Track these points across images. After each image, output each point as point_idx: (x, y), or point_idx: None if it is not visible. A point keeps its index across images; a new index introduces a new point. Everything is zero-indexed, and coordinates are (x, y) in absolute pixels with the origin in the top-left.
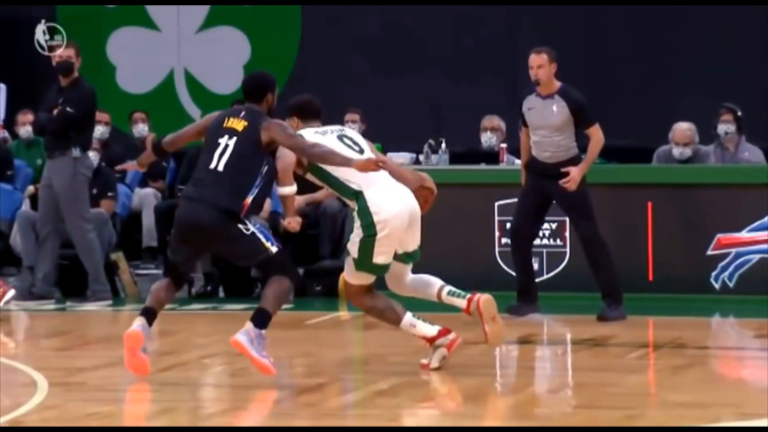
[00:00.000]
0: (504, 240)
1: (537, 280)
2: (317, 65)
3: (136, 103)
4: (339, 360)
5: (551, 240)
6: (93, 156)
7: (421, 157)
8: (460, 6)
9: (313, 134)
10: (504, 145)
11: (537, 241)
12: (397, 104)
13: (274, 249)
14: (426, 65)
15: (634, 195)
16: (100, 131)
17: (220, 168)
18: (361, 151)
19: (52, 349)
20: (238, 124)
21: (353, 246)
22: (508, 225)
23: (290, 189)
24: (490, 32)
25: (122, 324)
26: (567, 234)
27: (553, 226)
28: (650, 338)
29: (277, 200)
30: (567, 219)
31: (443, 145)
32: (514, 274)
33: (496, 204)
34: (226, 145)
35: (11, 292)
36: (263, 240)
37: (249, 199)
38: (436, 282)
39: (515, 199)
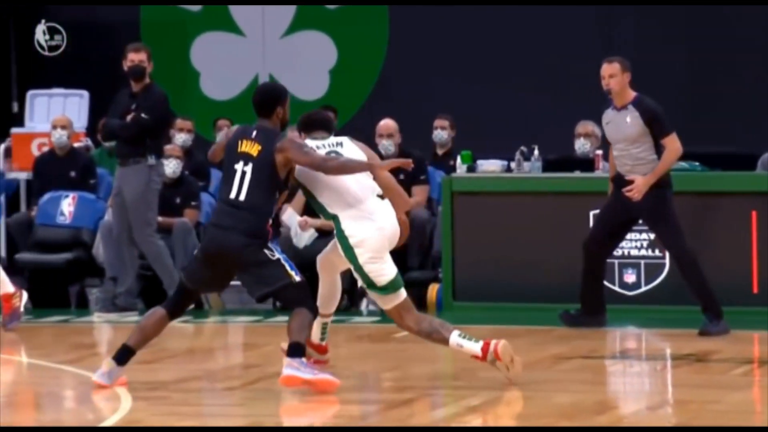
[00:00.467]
0: None
1: (635, 292)
2: (405, 70)
3: (220, 110)
4: (428, 374)
5: (649, 251)
6: (176, 164)
7: (513, 165)
8: (555, 10)
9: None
10: (599, 152)
11: (635, 252)
12: (488, 110)
13: (297, 278)
14: (518, 70)
15: (737, 204)
16: (182, 139)
17: (242, 198)
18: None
19: (135, 362)
20: (252, 149)
21: (357, 276)
22: None
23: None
24: (585, 37)
25: (206, 337)
26: None
27: (651, 236)
28: (755, 354)
29: None
30: None
31: (536, 152)
32: (605, 282)
33: (591, 213)
34: (243, 172)
35: (25, 296)
36: (287, 267)
37: (270, 222)
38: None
39: None
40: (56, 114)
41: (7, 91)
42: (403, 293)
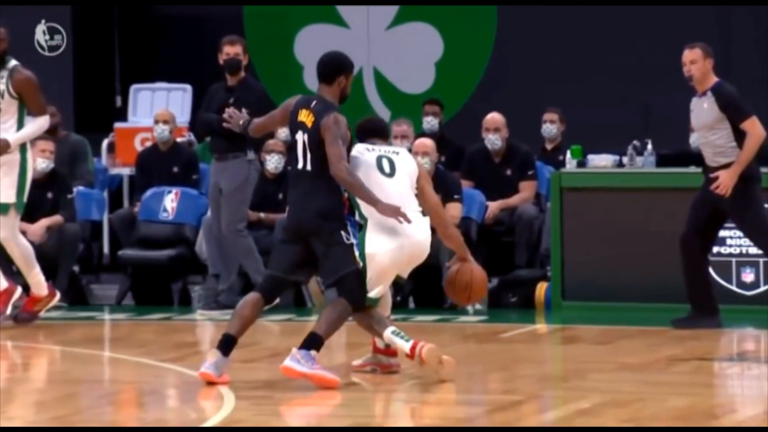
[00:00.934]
0: (715, 249)
1: (753, 292)
2: (514, 62)
3: None
4: (536, 376)
5: None
6: (278, 159)
7: (625, 160)
8: (671, 6)
9: (363, 149)
10: None
11: (753, 250)
12: (600, 103)
13: (359, 266)
14: (629, 64)
15: None
16: (285, 133)
17: (308, 167)
18: (391, 175)
19: (239, 361)
20: (308, 119)
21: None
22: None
23: None
24: (700, 31)
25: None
26: None
27: None
28: None
29: None
30: None
31: (649, 147)
32: (722, 281)
33: None
34: (303, 142)
35: (18, 291)
36: (357, 254)
37: (345, 195)
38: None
39: None
40: (159, 108)
41: (111, 85)
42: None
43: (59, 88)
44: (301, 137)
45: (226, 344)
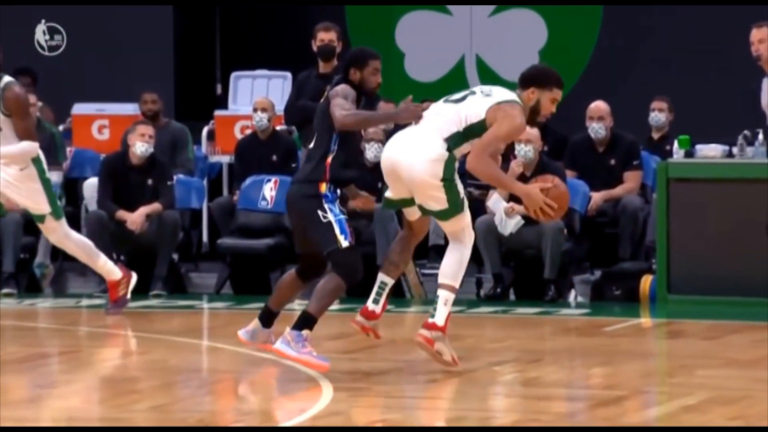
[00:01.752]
0: None
1: None
2: (620, 50)
3: (424, 92)
4: (640, 371)
5: None
6: (377, 148)
7: (735, 150)
8: None
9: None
10: None
11: None
12: (709, 92)
13: (344, 243)
14: (740, 52)
15: None
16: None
17: (311, 145)
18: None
19: (337, 351)
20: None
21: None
22: None
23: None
24: None
25: (408, 327)
26: None
27: None
28: None
29: None
30: None
31: (760, 137)
32: None
33: None
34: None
35: (134, 279)
36: (337, 231)
37: (327, 176)
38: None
39: None
40: (260, 96)
41: (212, 73)
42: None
43: (160, 76)
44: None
45: (265, 316)
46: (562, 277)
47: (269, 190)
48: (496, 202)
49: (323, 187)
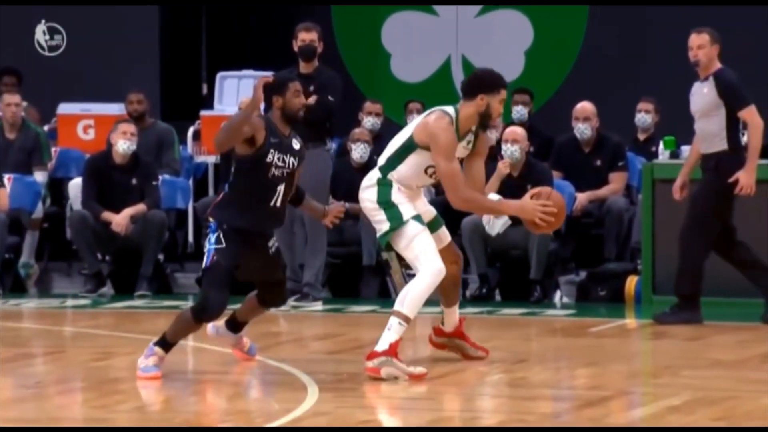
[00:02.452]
0: None
1: None
2: (606, 51)
3: (410, 93)
4: (626, 372)
5: None
6: (363, 149)
7: None
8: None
9: None
10: None
11: None
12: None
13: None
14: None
15: None
16: (371, 122)
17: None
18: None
19: (323, 352)
20: None
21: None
22: None
23: None
24: None
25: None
26: None
27: None
28: None
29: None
30: None
31: (744, 139)
32: None
33: None
34: None
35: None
36: (205, 255)
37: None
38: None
39: None
40: (245, 96)
41: (197, 73)
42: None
43: (146, 76)
44: None
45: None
46: (547, 277)
47: None
48: None
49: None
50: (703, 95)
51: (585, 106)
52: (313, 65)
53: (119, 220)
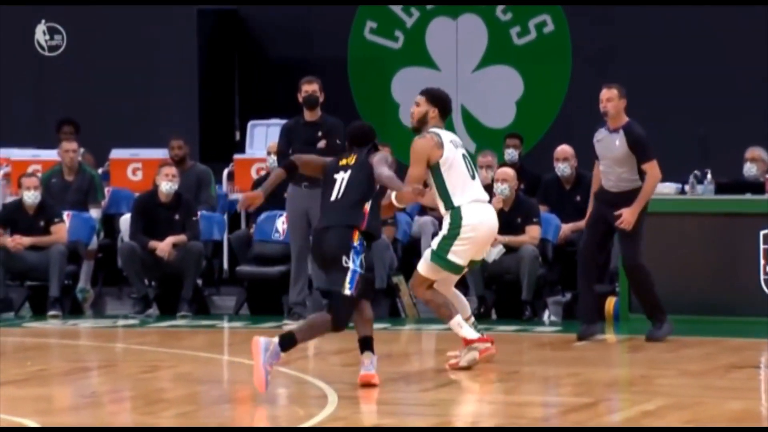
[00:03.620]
0: None
1: None
2: (587, 101)
3: None
4: (606, 381)
5: None
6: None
7: (687, 188)
8: (727, 38)
9: (449, 141)
10: None
11: None
12: (664, 137)
13: (347, 292)
14: (691, 95)
15: None
16: None
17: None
18: (473, 176)
19: (341, 365)
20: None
21: (436, 239)
22: None
23: None
24: (757, 64)
25: (402, 342)
26: None
27: None
28: None
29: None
30: None
31: (709, 176)
32: None
33: (761, 233)
34: (342, 179)
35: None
36: (347, 279)
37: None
38: (467, 309)
39: None
40: (273, 141)
41: (231, 121)
42: (441, 275)
43: (187, 124)
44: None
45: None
46: (537, 298)
47: (281, 223)
48: None
49: (356, 237)
50: (616, 146)
51: (564, 149)
52: (316, 113)
53: (163, 247)
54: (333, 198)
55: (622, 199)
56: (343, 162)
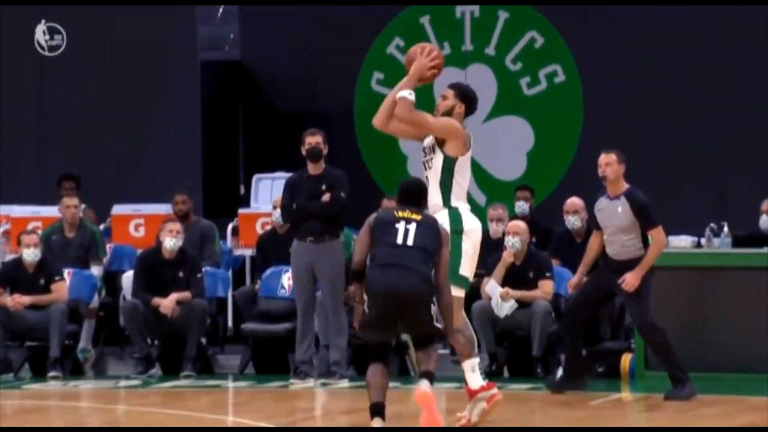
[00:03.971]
0: None
1: None
2: (599, 150)
3: None
4: None
5: None
6: None
7: (703, 241)
8: (746, 89)
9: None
10: None
11: None
12: (679, 189)
13: (439, 325)
14: (707, 146)
15: None
16: None
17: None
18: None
19: (350, 424)
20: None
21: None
22: None
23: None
24: None
25: (413, 402)
26: None
27: None
28: None
29: None
30: None
31: (725, 229)
32: None
33: None
34: (406, 229)
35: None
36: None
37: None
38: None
39: None
40: (278, 196)
41: (236, 175)
42: (462, 294)
43: (190, 179)
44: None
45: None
46: (550, 354)
47: (287, 279)
48: (492, 287)
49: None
50: (618, 214)
51: (574, 201)
52: (320, 166)
53: (167, 304)
54: (399, 242)
55: (627, 268)
56: (403, 214)
